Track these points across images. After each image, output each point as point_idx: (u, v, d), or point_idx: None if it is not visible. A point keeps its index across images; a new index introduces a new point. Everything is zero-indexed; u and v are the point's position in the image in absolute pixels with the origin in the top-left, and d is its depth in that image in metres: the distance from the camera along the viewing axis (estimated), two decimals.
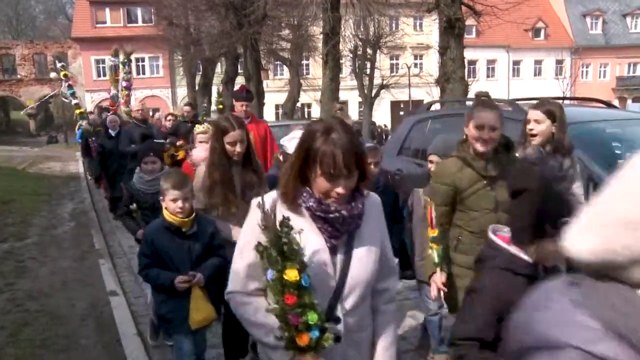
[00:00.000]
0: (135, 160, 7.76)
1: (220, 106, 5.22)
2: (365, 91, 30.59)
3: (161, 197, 3.33)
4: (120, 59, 11.23)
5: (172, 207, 3.22)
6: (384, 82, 31.69)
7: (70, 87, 12.09)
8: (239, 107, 5.96)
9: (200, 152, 4.68)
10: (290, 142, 3.87)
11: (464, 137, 3.16)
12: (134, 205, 4.28)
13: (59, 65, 12.44)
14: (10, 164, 21.03)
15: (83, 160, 17.28)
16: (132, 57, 11.23)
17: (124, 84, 11.13)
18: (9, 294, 5.98)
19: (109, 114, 11.39)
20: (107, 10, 40.61)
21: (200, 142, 5.03)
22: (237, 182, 3.59)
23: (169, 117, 10.02)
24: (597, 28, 46.50)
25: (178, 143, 7.49)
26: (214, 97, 5.58)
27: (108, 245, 8.11)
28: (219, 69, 29.32)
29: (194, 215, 3.30)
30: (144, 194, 4.40)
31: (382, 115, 40.51)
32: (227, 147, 3.53)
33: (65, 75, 12.01)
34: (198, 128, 5.40)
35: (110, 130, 9.16)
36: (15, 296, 5.92)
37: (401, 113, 36.52)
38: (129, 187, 4.47)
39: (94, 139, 10.85)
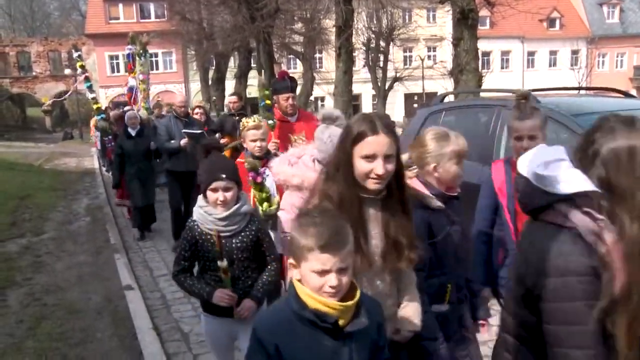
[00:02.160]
0: (177, 159, 7.07)
1: (268, 101, 4.15)
2: (379, 84, 30.50)
3: (291, 262, 1.76)
4: (137, 48, 10.51)
5: (317, 282, 1.67)
6: (397, 74, 31.60)
7: (87, 79, 11.30)
8: (283, 101, 4.84)
9: (286, 164, 3.18)
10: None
11: None
12: (224, 262, 2.78)
13: (75, 55, 11.34)
14: (26, 160, 21.25)
15: (100, 159, 16.79)
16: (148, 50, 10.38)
17: (141, 77, 10.16)
18: (27, 289, 6.05)
19: (123, 108, 10.61)
20: (120, 6, 40.88)
21: (253, 140, 3.96)
22: (375, 231, 2.09)
23: (197, 110, 8.46)
24: (614, 17, 45.87)
25: (222, 140, 6.78)
26: (258, 87, 4.51)
27: (123, 240, 8.16)
28: (232, 63, 29.41)
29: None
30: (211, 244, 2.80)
31: (395, 108, 40.36)
32: (362, 164, 1.99)
33: (82, 67, 11.16)
34: (247, 122, 4.01)
35: (129, 129, 7.92)
36: (33, 290, 5.98)
37: (415, 105, 36.34)
38: (188, 228, 2.83)
39: (110, 137, 9.95)
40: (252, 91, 26.94)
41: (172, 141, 7.12)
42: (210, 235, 2.78)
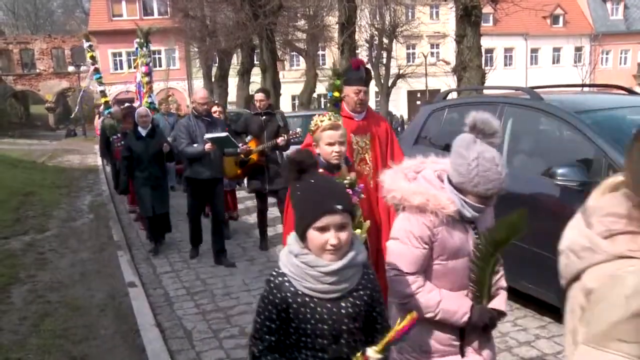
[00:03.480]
0: (200, 166, 6.31)
1: (337, 93, 3.37)
2: (382, 81, 30.44)
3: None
4: (137, 41, 9.73)
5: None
6: (401, 71, 31.53)
7: (97, 71, 10.57)
8: (354, 94, 3.91)
9: (402, 179, 2.38)
10: None
11: None
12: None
13: (86, 45, 10.74)
14: (30, 158, 21.31)
15: (106, 158, 16.44)
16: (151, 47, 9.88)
17: (143, 69, 9.57)
18: (31, 285, 6.07)
19: (127, 105, 10.31)
20: (124, 3, 40.92)
21: (330, 143, 3.17)
22: None
23: (216, 109, 7.78)
24: (618, 13, 45.71)
25: (248, 144, 6.61)
26: (329, 75, 3.24)
27: (126, 237, 8.18)
28: (235, 60, 29.35)
29: None
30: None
31: (399, 105, 40.31)
32: None
33: (92, 57, 10.55)
34: (321, 120, 3.24)
35: (139, 129, 6.99)
36: (37, 287, 6.00)
37: (418, 102, 36.32)
38: (274, 286, 1.89)
39: (118, 136, 8.96)
40: (255, 88, 26.93)
41: (195, 145, 6.26)
42: (311, 297, 1.86)
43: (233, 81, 27.72)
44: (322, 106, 36.89)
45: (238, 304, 5.26)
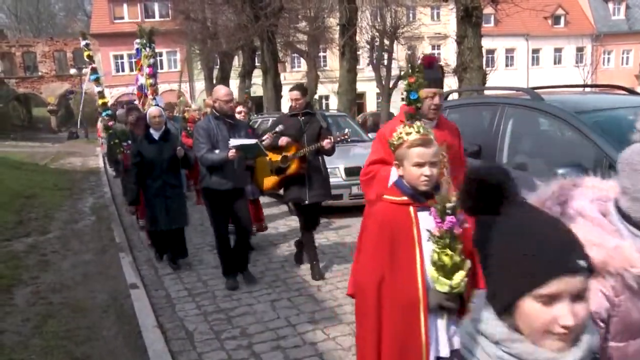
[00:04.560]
0: (222, 175, 5.36)
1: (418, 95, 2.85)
2: (383, 82, 30.44)
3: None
4: (138, 41, 9.67)
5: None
6: (402, 72, 31.45)
7: (94, 71, 10.18)
8: (428, 99, 3.24)
9: None
10: None
11: None
12: None
13: (83, 43, 10.26)
14: (32, 160, 21.37)
15: (105, 162, 15.74)
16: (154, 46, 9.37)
17: (147, 70, 9.05)
18: (33, 287, 6.08)
19: (132, 105, 9.22)
20: (125, 5, 41.04)
21: (419, 164, 2.36)
22: None
23: (240, 109, 7.10)
24: (620, 13, 45.63)
25: (283, 146, 5.75)
26: (404, 73, 2.44)
27: (128, 238, 8.19)
28: (237, 62, 29.41)
29: None
30: None
31: (400, 107, 40.29)
32: None
33: (89, 57, 10.17)
34: (407, 132, 2.41)
35: (152, 131, 6.21)
36: (39, 289, 6.02)
37: None
38: None
39: (129, 143, 7.79)
40: (257, 90, 26.98)
41: (217, 151, 5.38)
42: None
43: (234, 83, 27.78)
44: (324, 108, 36.94)
45: (239, 305, 5.26)
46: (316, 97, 29.24)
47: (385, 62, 31.22)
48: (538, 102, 4.81)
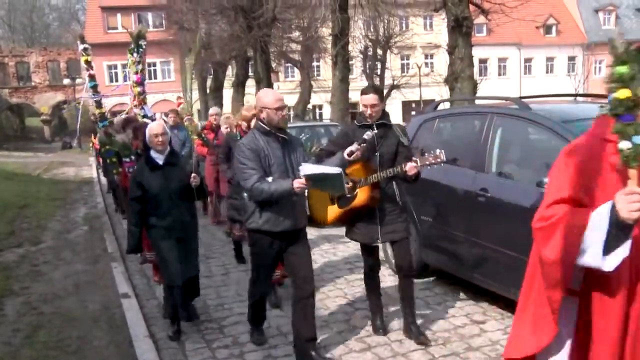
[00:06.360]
0: (278, 210, 3.94)
1: (627, 93, 1.79)
2: None
3: None
4: (129, 49, 8.73)
5: None
6: (395, 82, 31.73)
7: (92, 78, 9.59)
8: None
9: None
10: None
11: None
12: None
13: (81, 47, 9.66)
14: (25, 170, 21.30)
15: (98, 172, 15.72)
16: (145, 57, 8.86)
17: (135, 77, 8.26)
18: (24, 298, 6.07)
19: (125, 116, 8.80)
20: (119, 15, 41.16)
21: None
22: None
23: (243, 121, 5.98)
24: (610, 23, 46.07)
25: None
26: None
27: (120, 248, 8.17)
28: (230, 72, 29.49)
29: None
30: None
31: (393, 116, 40.43)
32: None
33: (87, 62, 9.52)
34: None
35: (154, 155, 4.62)
36: (30, 299, 6.00)
37: (413, 113, 36.48)
38: None
39: (132, 159, 6.94)
40: (250, 100, 27.04)
41: (269, 179, 3.91)
42: None
43: (228, 93, 27.82)
44: (317, 117, 37.04)
45: (231, 315, 5.27)
46: (310, 106, 29.32)
47: (379, 71, 31.42)
48: (525, 111, 4.86)
